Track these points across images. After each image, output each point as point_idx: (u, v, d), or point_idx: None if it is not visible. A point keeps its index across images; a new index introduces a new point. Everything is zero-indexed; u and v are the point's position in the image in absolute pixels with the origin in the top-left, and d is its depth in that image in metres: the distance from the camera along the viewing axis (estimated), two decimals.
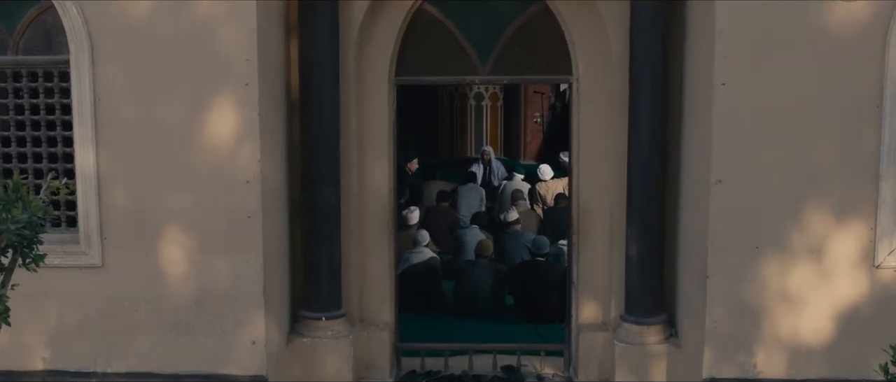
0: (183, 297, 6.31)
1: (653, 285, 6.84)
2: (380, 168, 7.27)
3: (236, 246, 6.26)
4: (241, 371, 6.37)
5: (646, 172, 6.71)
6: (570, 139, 7.26)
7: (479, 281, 8.94)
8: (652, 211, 6.75)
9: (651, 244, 6.78)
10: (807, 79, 5.86)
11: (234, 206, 6.20)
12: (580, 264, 7.32)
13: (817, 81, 5.86)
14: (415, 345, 7.67)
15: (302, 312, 7.02)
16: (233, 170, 6.16)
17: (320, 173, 6.82)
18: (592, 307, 7.34)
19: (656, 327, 6.86)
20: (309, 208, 6.89)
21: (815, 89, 5.87)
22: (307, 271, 6.98)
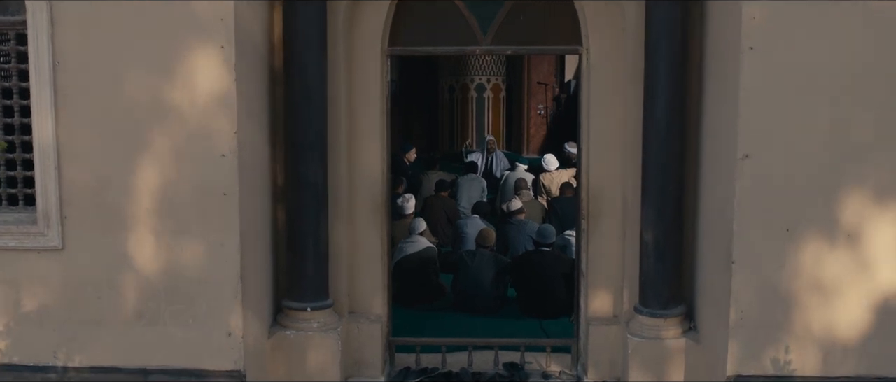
0: (151, 284, 5.71)
1: (670, 273, 6.23)
2: (372, 146, 6.67)
3: (210, 227, 5.65)
4: (215, 366, 5.76)
5: (663, 150, 6.10)
6: (580, 116, 6.66)
7: (479, 272, 8.34)
8: (669, 193, 6.14)
9: (668, 228, 6.17)
10: (849, 42, 5.25)
11: (208, 183, 5.60)
12: (590, 252, 6.72)
13: (862, 44, 5.25)
14: (409, 340, 7.08)
15: (285, 302, 6.42)
16: (207, 142, 5.56)
17: (305, 150, 6.22)
18: (603, 298, 6.73)
19: (674, 319, 6.24)
20: (292, 188, 6.29)
21: (858, 53, 5.26)
22: (290, 257, 6.38)
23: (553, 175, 11.59)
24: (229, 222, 5.64)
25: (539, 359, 7.07)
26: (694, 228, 6.29)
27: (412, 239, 8.77)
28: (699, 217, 6.22)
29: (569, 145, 12.49)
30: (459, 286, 8.45)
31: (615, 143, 6.51)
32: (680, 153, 6.13)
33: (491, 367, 6.94)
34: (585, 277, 6.76)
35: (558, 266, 8.20)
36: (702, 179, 6.16)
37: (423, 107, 16.79)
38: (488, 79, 16.10)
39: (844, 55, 5.27)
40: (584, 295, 6.78)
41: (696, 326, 6.33)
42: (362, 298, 6.78)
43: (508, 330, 7.81)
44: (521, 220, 9.58)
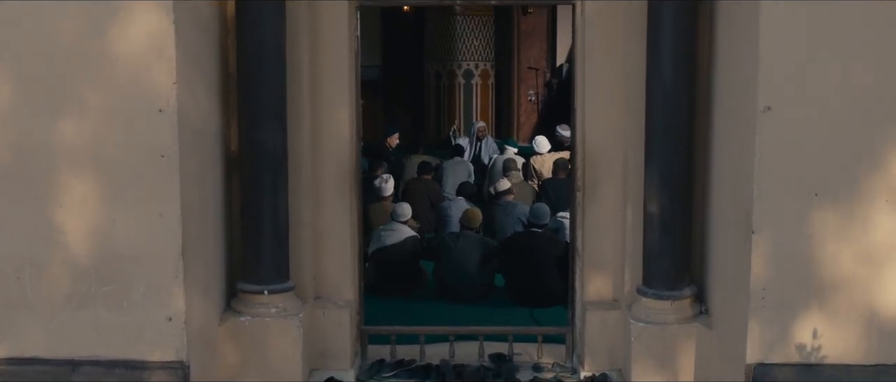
0: (80, 262, 4.92)
1: (678, 249, 5.47)
2: (339, 111, 5.90)
3: (147, 194, 4.87)
4: (154, 356, 4.98)
5: (669, 107, 5.34)
6: (574, 71, 5.90)
7: (463, 255, 7.58)
8: (677, 155, 5.38)
9: (676, 196, 5.41)
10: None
11: (143, 143, 4.83)
12: (586, 227, 5.95)
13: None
14: (383, 329, 6.30)
15: (240, 285, 5.64)
16: (141, 95, 4.79)
17: (261, 113, 5.45)
18: (601, 280, 5.97)
19: (682, 302, 5.49)
20: (247, 155, 5.52)
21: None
22: (245, 234, 5.60)
23: (545, 158, 10.86)
24: (168, 188, 4.86)
25: (529, 350, 6.30)
26: (705, 196, 5.55)
27: (392, 226, 7.99)
28: (711, 182, 5.47)
29: (561, 128, 11.77)
30: (441, 271, 7.68)
31: (614, 102, 5.75)
32: (688, 110, 5.38)
33: (475, 359, 6.17)
34: (581, 256, 6.00)
35: (551, 248, 7.44)
36: (714, 139, 5.41)
37: (407, 94, 16.09)
38: (476, 64, 15.47)
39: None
40: (580, 277, 6.02)
41: (707, 309, 5.57)
42: (330, 281, 6.00)
43: (495, 319, 7.06)
44: (510, 202, 8.81)
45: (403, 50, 16.09)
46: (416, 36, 15.87)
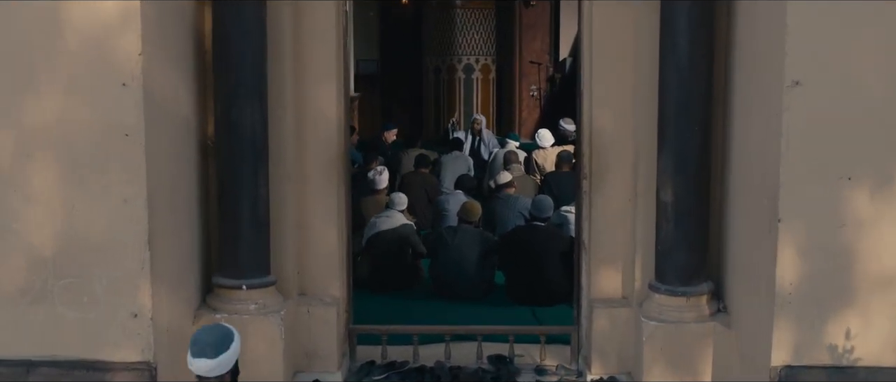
0: (35, 251, 4.47)
1: (694, 241, 5.01)
2: (325, 90, 5.44)
3: (110, 178, 4.42)
4: (117, 356, 4.52)
5: (684, 85, 4.89)
6: (581, 49, 5.44)
7: (461, 251, 7.10)
8: (693, 138, 4.92)
9: (691, 184, 4.95)
10: None
11: (104, 120, 4.38)
12: (593, 219, 5.48)
13: None
14: (374, 328, 5.85)
15: (216, 279, 5.19)
16: (103, 66, 4.35)
17: (239, 91, 4.99)
18: (610, 275, 5.51)
19: (699, 298, 5.03)
20: (224, 138, 5.07)
21: None
22: (222, 223, 5.15)
23: (547, 153, 10.38)
24: (133, 171, 4.40)
25: (531, 351, 5.84)
26: (723, 182, 5.10)
27: (387, 213, 7.52)
28: (730, 167, 5.02)
29: (565, 122, 11.32)
30: (438, 267, 7.21)
31: (624, 82, 5.30)
32: (706, 88, 4.93)
33: (473, 361, 5.71)
34: (587, 250, 5.53)
35: (554, 243, 6.97)
36: (734, 120, 4.95)
37: (406, 89, 15.64)
38: (477, 58, 14.96)
39: None
40: (586, 273, 5.56)
41: (725, 306, 5.12)
42: (315, 276, 5.54)
43: (495, 318, 6.59)
44: (511, 195, 8.34)
45: (402, 44, 15.60)
46: (414, 29, 15.42)
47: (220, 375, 3.36)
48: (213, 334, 3.40)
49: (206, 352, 3.33)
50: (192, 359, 3.34)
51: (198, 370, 3.34)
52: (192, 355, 3.34)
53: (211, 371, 3.33)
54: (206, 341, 3.35)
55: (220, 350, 3.34)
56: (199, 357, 3.33)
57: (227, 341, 3.38)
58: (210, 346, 3.34)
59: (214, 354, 3.32)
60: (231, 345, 3.38)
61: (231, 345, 3.38)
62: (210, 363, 3.32)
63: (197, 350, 3.34)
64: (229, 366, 3.38)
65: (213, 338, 3.37)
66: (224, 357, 3.35)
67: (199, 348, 3.34)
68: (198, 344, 3.35)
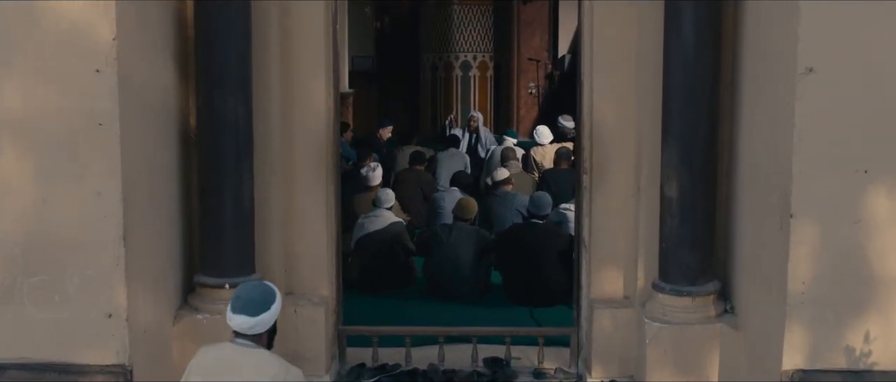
0: (3, 248, 4.22)
1: (700, 238, 4.77)
2: (314, 82, 5.20)
3: (83, 170, 4.17)
4: (91, 359, 4.27)
5: (690, 73, 4.64)
6: (581, 36, 5.20)
7: (456, 249, 6.85)
8: (699, 131, 4.68)
9: (697, 178, 4.71)
10: None
11: (76, 108, 4.13)
12: (593, 215, 5.24)
13: None
14: (364, 329, 5.61)
15: (197, 277, 4.94)
16: (76, 53, 4.09)
17: (223, 81, 4.74)
18: (611, 274, 5.26)
19: (705, 298, 4.79)
20: (206, 129, 4.82)
21: None
22: (204, 218, 4.90)
23: (546, 150, 10.13)
24: (107, 163, 4.15)
25: (529, 354, 5.61)
26: (731, 176, 4.86)
27: (376, 213, 7.27)
28: (738, 160, 4.78)
29: (563, 118, 11.06)
30: (433, 266, 6.96)
31: (626, 71, 5.06)
32: (713, 77, 4.69)
33: (468, 364, 5.48)
34: (588, 248, 5.29)
35: (553, 241, 6.73)
36: (742, 110, 4.71)
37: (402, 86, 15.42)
38: (474, 55, 14.75)
39: None
40: (587, 272, 5.31)
41: (733, 307, 4.87)
42: (303, 275, 5.29)
43: (491, 319, 6.35)
44: (509, 192, 8.09)
45: (398, 40, 15.42)
46: (411, 25, 15.19)
47: (259, 333, 3.36)
48: (256, 291, 3.40)
49: (247, 309, 3.32)
50: (232, 314, 3.33)
51: (237, 326, 3.33)
52: (232, 310, 3.33)
53: (250, 328, 3.34)
54: (248, 297, 3.34)
55: (261, 308, 3.34)
56: (240, 314, 3.33)
57: (270, 300, 3.38)
58: (252, 304, 3.33)
59: (255, 312, 3.32)
60: (272, 305, 3.38)
61: (272, 305, 3.38)
62: (250, 320, 3.32)
63: (238, 305, 3.33)
64: (268, 326, 3.39)
65: (255, 296, 3.36)
66: (265, 316, 3.35)
67: (241, 304, 3.33)
68: (240, 300, 3.33)
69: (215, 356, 3.47)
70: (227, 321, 3.37)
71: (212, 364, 3.45)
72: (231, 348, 3.42)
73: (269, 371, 3.35)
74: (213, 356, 3.48)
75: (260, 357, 3.39)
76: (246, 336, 3.37)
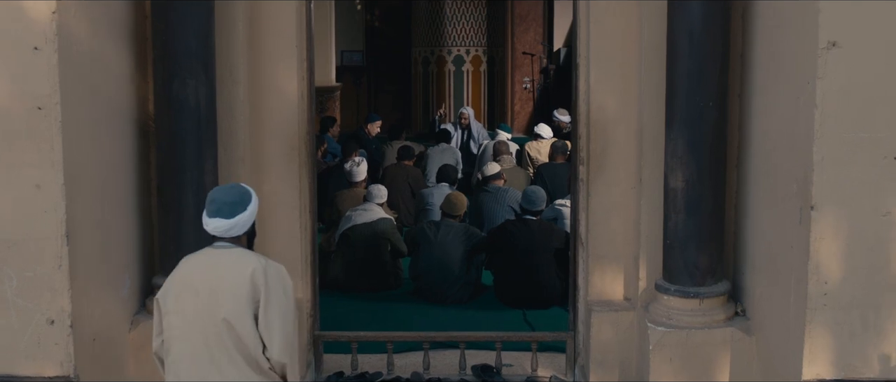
0: None
1: (708, 233, 4.34)
2: (284, 66, 4.79)
3: (18, 158, 3.74)
4: (29, 369, 3.84)
5: (697, 53, 4.21)
6: (577, 15, 4.77)
7: (444, 248, 6.42)
8: (707, 115, 4.25)
9: (705, 167, 4.28)
10: None
11: (12, 90, 3.70)
12: (591, 210, 4.82)
13: None
14: (343, 334, 5.18)
15: (157, 279, 4.49)
16: (12, 30, 3.65)
17: (182, 62, 4.31)
18: (610, 274, 4.85)
19: (714, 300, 4.36)
20: (163, 116, 4.39)
21: None
22: (163, 213, 4.46)
23: (541, 144, 9.69)
24: (47, 152, 3.72)
25: (522, 360, 5.19)
26: (742, 165, 4.44)
27: (364, 206, 6.83)
28: (750, 146, 4.36)
29: (559, 112, 10.67)
30: (419, 266, 6.52)
31: (627, 51, 4.64)
32: (722, 56, 4.26)
33: (455, 371, 5.06)
34: (585, 246, 4.86)
35: (548, 239, 6.29)
36: (754, 90, 4.29)
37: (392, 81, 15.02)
38: (467, 50, 14.38)
39: None
40: (584, 271, 4.89)
41: (744, 309, 4.44)
42: None
43: (481, 323, 5.92)
44: (500, 187, 7.65)
45: (389, 34, 15.05)
46: (402, 19, 14.78)
47: (237, 235, 3.25)
48: (231, 193, 3.30)
49: (222, 212, 3.22)
50: (208, 218, 3.23)
51: (213, 230, 3.23)
52: (207, 214, 3.24)
53: (227, 231, 3.23)
54: (223, 200, 3.25)
55: (237, 209, 3.24)
56: (215, 217, 3.22)
57: (246, 200, 3.28)
58: (227, 206, 3.23)
59: (231, 214, 3.23)
60: (249, 206, 3.28)
61: (249, 206, 3.28)
62: (227, 222, 3.22)
63: (213, 209, 3.23)
64: (245, 228, 3.28)
65: (230, 197, 3.27)
66: (242, 216, 3.25)
67: (216, 207, 3.23)
68: (214, 203, 3.24)
69: (195, 261, 3.33)
70: (204, 226, 3.24)
71: (189, 268, 3.31)
72: (209, 251, 3.29)
73: (248, 267, 3.20)
74: (192, 261, 3.34)
75: (238, 254, 3.25)
76: (224, 239, 3.25)
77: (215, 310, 3.16)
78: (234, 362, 3.17)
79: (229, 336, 3.16)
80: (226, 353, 3.16)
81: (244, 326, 3.16)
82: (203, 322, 3.18)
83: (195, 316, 3.20)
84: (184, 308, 3.22)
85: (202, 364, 3.19)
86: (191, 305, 3.20)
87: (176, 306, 3.24)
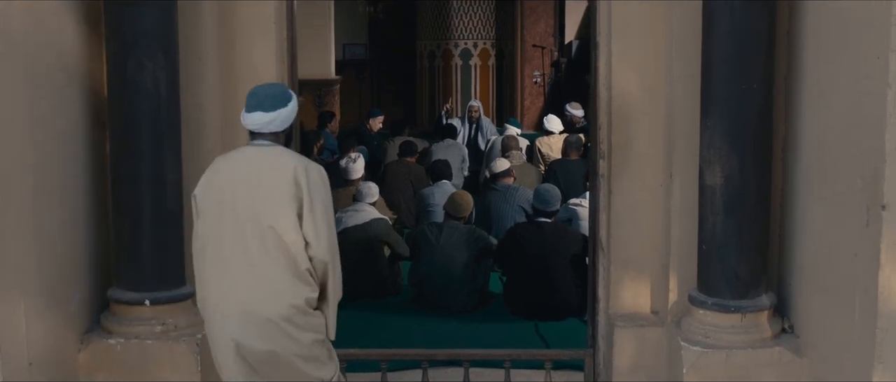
0: None
1: (751, 237, 3.73)
2: (262, 43, 4.19)
3: None
4: None
5: (739, 27, 3.61)
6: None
7: (447, 252, 5.80)
8: (750, 98, 3.64)
9: (748, 161, 3.67)
10: None
11: None
12: (613, 210, 4.21)
13: None
14: None
15: (111, 292, 3.89)
16: None
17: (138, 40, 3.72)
18: (635, 283, 4.26)
19: (758, 315, 3.76)
20: (117, 101, 3.80)
21: None
22: (117, 216, 3.87)
23: (553, 140, 9.09)
24: None
25: (535, 380, 4.54)
26: (791, 157, 3.82)
27: (355, 207, 6.23)
28: (800, 135, 3.73)
29: (571, 106, 10.07)
30: (420, 273, 5.90)
31: (655, 29, 4.02)
32: (767, 30, 3.64)
33: None
34: (605, 251, 4.25)
35: (563, 244, 5.66)
36: (804, 72, 3.66)
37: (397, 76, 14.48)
38: (475, 43, 13.81)
39: None
40: (604, 280, 4.28)
41: (792, 326, 3.82)
42: None
43: (488, 338, 5.30)
44: (510, 186, 7.02)
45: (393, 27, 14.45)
46: (406, 11, 14.22)
47: (275, 131, 3.19)
48: (273, 88, 3.28)
49: (263, 105, 3.18)
50: (247, 113, 3.19)
51: (252, 124, 3.18)
52: (246, 110, 3.19)
53: (266, 124, 3.18)
54: (264, 94, 3.21)
55: (278, 103, 3.19)
56: (255, 110, 3.17)
57: (287, 97, 3.24)
58: (269, 98, 3.19)
59: (272, 107, 3.18)
60: (290, 102, 3.23)
61: (290, 102, 3.23)
62: (267, 115, 3.18)
63: (253, 102, 3.19)
64: (285, 125, 3.23)
65: (271, 91, 3.24)
66: (282, 111, 3.20)
67: (257, 101, 3.19)
68: (255, 97, 3.20)
69: (234, 158, 3.26)
70: (242, 121, 3.20)
71: (228, 165, 3.24)
72: (247, 149, 3.22)
73: (289, 165, 3.13)
74: (231, 158, 3.27)
75: (278, 152, 3.19)
76: (263, 135, 3.18)
77: (256, 210, 3.08)
78: (272, 262, 3.08)
79: (270, 235, 3.07)
80: (265, 253, 3.08)
81: (286, 225, 3.07)
82: (242, 221, 3.10)
83: (233, 214, 3.11)
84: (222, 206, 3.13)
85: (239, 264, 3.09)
86: (229, 204, 3.12)
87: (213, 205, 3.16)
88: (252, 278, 3.08)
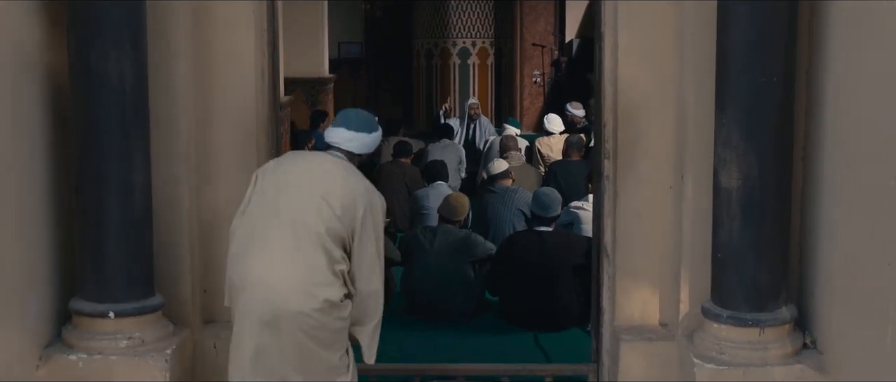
0: None
1: (771, 245, 3.43)
2: (241, 31, 3.90)
3: None
4: None
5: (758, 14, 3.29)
6: None
7: (441, 258, 5.48)
8: (769, 92, 3.35)
9: (767, 160, 3.38)
10: None
11: None
12: (618, 214, 3.91)
13: None
14: None
15: (74, 303, 3.58)
16: None
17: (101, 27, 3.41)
18: (643, 294, 3.96)
19: (778, 330, 3.46)
20: (79, 95, 3.49)
21: None
22: (81, 220, 3.56)
23: (553, 140, 8.79)
24: None
25: None
26: (813, 156, 3.51)
27: None
28: (823, 132, 3.43)
29: (572, 106, 9.78)
30: (412, 279, 5.59)
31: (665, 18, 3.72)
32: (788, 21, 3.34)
33: None
34: (611, 259, 3.95)
35: (566, 254, 5.33)
36: (828, 63, 3.36)
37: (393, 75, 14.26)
38: (473, 41, 13.63)
39: None
40: (610, 290, 3.98)
41: (815, 341, 3.51)
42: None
43: (485, 351, 4.97)
44: (508, 188, 6.71)
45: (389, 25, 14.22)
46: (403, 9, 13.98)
47: (350, 151, 3.33)
48: (362, 113, 3.44)
49: (349, 124, 3.33)
50: (332, 128, 3.35)
51: (333, 138, 3.32)
52: (332, 124, 3.37)
53: (345, 141, 3.32)
54: (352, 115, 3.39)
55: (361, 127, 3.34)
56: (339, 127, 3.33)
57: (373, 127, 3.39)
58: (354, 120, 3.35)
59: (356, 128, 3.33)
60: (373, 132, 3.38)
61: (373, 132, 3.38)
62: (348, 133, 3.32)
63: (340, 120, 3.35)
64: (362, 150, 3.37)
65: (359, 115, 3.40)
66: (363, 136, 3.34)
67: (344, 119, 3.35)
68: (344, 116, 3.37)
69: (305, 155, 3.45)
70: (325, 136, 3.38)
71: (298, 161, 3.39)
72: (324, 153, 3.36)
73: (360, 183, 3.27)
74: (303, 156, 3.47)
75: (350, 168, 3.32)
76: (339, 150, 3.32)
77: (309, 208, 3.15)
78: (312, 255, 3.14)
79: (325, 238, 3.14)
80: (312, 247, 3.14)
81: (336, 234, 3.16)
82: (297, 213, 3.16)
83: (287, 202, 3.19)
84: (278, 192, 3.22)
85: (284, 246, 3.15)
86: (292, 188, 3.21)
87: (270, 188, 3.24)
88: (292, 263, 3.14)
